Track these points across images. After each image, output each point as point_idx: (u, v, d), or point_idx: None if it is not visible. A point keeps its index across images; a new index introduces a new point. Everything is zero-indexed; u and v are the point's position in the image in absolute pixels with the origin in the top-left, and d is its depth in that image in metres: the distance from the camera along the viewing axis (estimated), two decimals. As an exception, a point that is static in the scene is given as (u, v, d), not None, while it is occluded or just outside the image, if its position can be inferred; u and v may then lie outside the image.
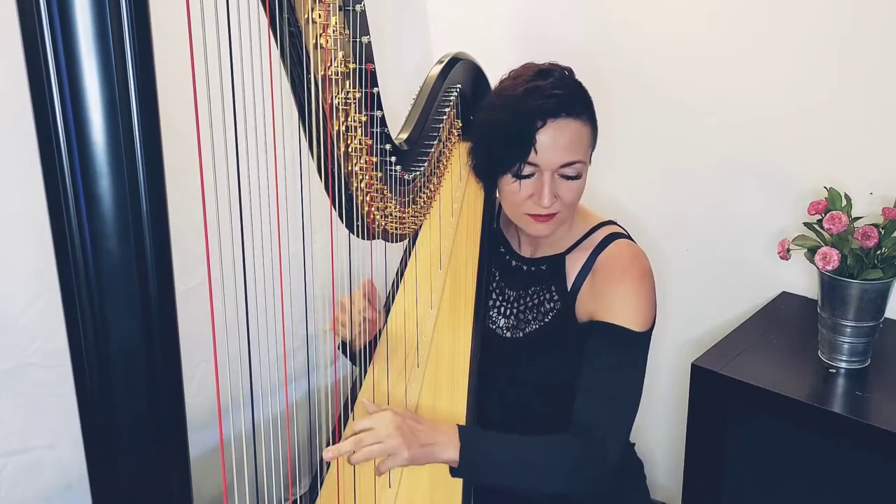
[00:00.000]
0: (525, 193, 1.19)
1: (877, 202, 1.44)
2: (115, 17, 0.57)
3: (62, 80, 0.56)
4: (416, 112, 1.31)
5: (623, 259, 1.24)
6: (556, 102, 1.15)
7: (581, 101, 1.19)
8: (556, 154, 1.16)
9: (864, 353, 1.41)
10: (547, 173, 1.17)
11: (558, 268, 1.29)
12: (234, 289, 0.82)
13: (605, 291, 1.22)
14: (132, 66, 0.58)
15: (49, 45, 0.56)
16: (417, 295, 1.40)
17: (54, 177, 0.58)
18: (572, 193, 1.20)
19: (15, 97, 0.71)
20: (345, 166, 1.12)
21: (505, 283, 1.35)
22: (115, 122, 0.58)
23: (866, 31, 1.48)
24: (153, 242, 0.62)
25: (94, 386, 0.64)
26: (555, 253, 1.29)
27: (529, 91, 1.16)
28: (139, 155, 0.60)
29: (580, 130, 1.18)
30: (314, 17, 0.97)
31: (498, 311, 1.35)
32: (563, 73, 1.21)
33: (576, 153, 1.17)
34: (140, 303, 0.62)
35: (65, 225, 0.59)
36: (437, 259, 1.46)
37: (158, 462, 0.68)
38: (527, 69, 1.22)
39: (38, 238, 0.62)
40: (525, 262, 1.33)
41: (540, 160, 1.16)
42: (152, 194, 0.61)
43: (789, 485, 1.44)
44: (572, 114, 1.16)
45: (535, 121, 1.15)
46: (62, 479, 1.50)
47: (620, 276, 1.22)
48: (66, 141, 0.57)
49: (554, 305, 1.28)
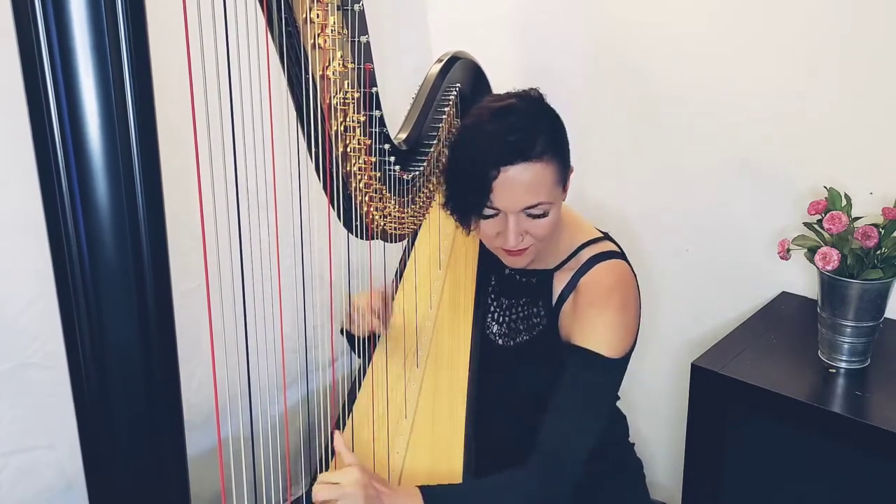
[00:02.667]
0: (492, 232, 1.17)
1: (877, 202, 1.44)
2: (112, 18, 0.57)
3: (58, 83, 0.56)
4: (416, 112, 1.31)
5: (605, 285, 1.22)
6: (510, 150, 1.10)
7: (542, 140, 1.13)
8: (516, 199, 1.13)
9: (864, 353, 1.41)
10: (511, 215, 1.14)
11: (546, 284, 1.28)
12: (233, 290, 0.82)
13: (583, 316, 1.21)
14: (128, 67, 0.58)
15: (45, 46, 0.56)
16: (417, 295, 1.40)
17: (51, 180, 0.58)
18: (542, 229, 1.17)
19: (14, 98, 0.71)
20: (343, 166, 1.11)
21: (500, 290, 1.35)
22: (111, 124, 0.58)
23: (867, 31, 1.47)
24: (150, 245, 0.62)
25: (91, 388, 0.64)
26: (545, 268, 1.28)
27: (483, 137, 1.13)
28: (136, 157, 0.60)
29: (541, 173, 1.13)
30: (312, 17, 0.97)
31: (492, 318, 1.35)
32: (528, 107, 1.16)
33: (538, 196, 1.13)
34: (137, 305, 0.62)
35: (61, 228, 0.59)
36: (437, 259, 1.46)
37: (156, 462, 0.68)
38: (485, 108, 1.17)
39: (39, 238, 0.61)
40: (518, 272, 1.32)
41: (500, 206, 1.13)
42: (149, 196, 0.61)
43: (789, 485, 1.43)
44: (530, 158, 1.11)
45: (489, 171, 1.11)
46: (62, 479, 1.50)
47: (600, 303, 1.20)
48: (62, 144, 0.57)
49: (540, 321, 1.28)
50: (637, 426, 1.22)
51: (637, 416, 1.19)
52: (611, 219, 1.36)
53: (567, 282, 1.25)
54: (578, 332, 1.20)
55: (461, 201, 1.17)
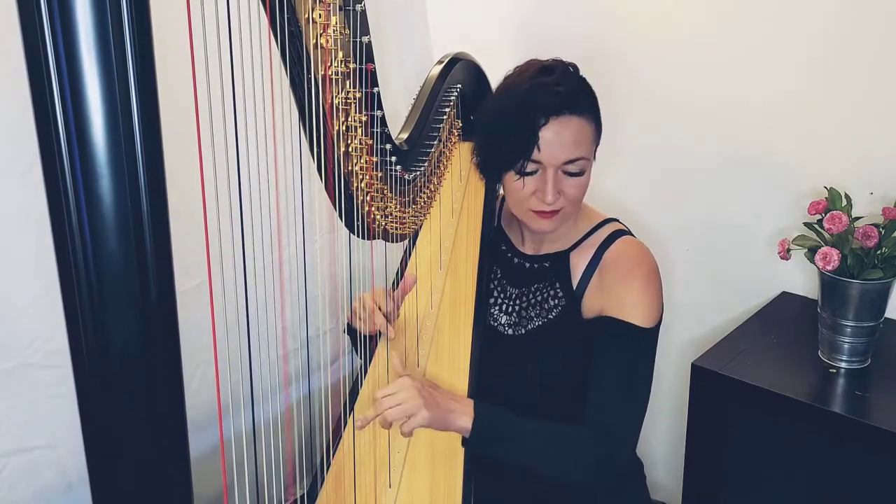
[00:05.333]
0: (529, 190, 1.20)
1: (877, 202, 1.44)
2: (116, 16, 0.57)
3: (63, 81, 0.56)
4: (417, 112, 1.31)
5: (631, 256, 1.25)
6: (559, 99, 1.15)
7: (585, 98, 1.19)
8: (560, 151, 1.16)
9: (864, 353, 1.41)
10: (550, 170, 1.17)
11: (562, 265, 1.29)
12: (235, 289, 0.82)
13: (614, 288, 1.23)
14: (133, 66, 0.58)
15: (50, 44, 0.56)
16: (418, 295, 1.40)
17: (55, 177, 0.58)
18: (576, 190, 1.20)
19: (16, 96, 0.71)
20: (345, 166, 1.12)
21: (507, 281, 1.36)
22: (115, 122, 0.58)
23: (867, 31, 1.47)
24: (154, 243, 0.62)
25: (94, 386, 0.64)
26: (558, 250, 1.30)
27: (533, 88, 1.17)
28: (140, 155, 0.60)
29: (583, 127, 1.18)
30: (314, 17, 0.98)
31: (500, 309, 1.35)
32: (568, 69, 1.21)
33: (579, 150, 1.17)
34: (140, 303, 0.62)
35: (65, 225, 0.59)
36: (438, 259, 1.46)
37: (159, 462, 0.68)
38: (531, 65, 1.22)
39: (39, 238, 0.62)
40: (528, 260, 1.33)
41: (543, 157, 1.16)
42: (153, 195, 0.61)
43: (789, 485, 1.43)
44: (575, 111, 1.17)
45: (539, 118, 1.15)
46: (62, 479, 1.49)
47: (629, 273, 1.23)
48: (66, 141, 0.57)
49: (558, 302, 1.28)
50: (637, 426, 1.22)
51: (638, 415, 1.20)
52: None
53: (589, 259, 1.27)
54: (610, 305, 1.22)
55: (504, 154, 1.18)
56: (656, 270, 1.25)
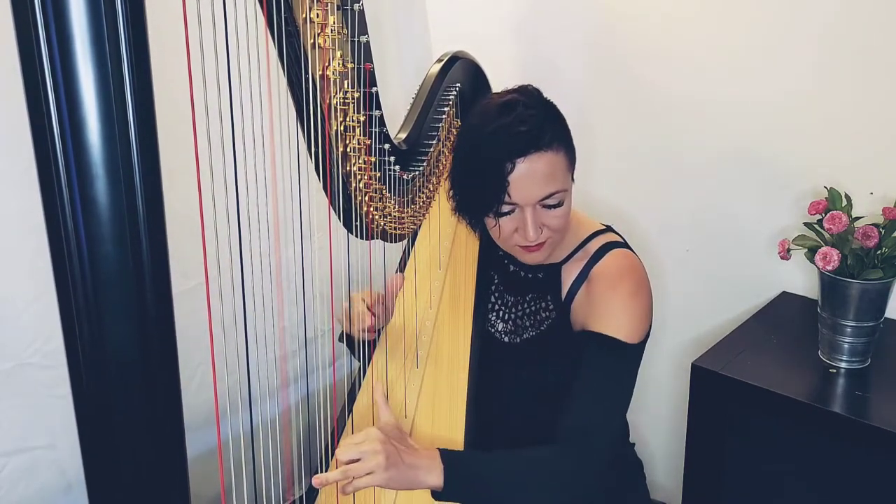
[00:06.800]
0: (510, 229, 1.17)
1: (877, 202, 1.44)
2: (111, 17, 0.57)
3: (58, 83, 0.56)
4: (415, 111, 1.31)
5: (618, 271, 1.23)
6: (523, 140, 1.11)
7: (550, 129, 1.14)
8: (533, 190, 1.13)
9: (865, 353, 1.41)
10: (528, 208, 1.14)
11: (554, 277, 1.28)
12: (232, 290, 0.82)
13: (599, 302, 1.21)
14: (128, 67, 0.58)
15: (44, 46, 0.56)
16: (417, 295, 1.40)
17: (50, 180, 0.58)
18: (558, 220, 1.17)
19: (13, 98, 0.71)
20: (343, 166, 1.11)
21: (504, 288, 1.35)
22: (111, 124, 0.58)
23: (867, 31, 1.47)
24: (150, 245, 0.62)
25: (91, 389, 0.63)
26: (551, 262, 1.28)
27: (495, 132, 1.12)
28: (135, 157, 0.59)
29: (553, 160, 1.13)
30: (312, 17, 0.97)
31: (497, 316, 1.35)
32: (529, 100, 1.16)
33: (553, 184, 1.14)
34: (137, 306, 0.62)
35: (61, 228, 0.59)
36: (437, 259, 1.46)
37: (156, 463, 0.68)
38: (489, 104, 1.17)
39: (39, 238, 0.61)
40: (523, 269, 1.32)
41: (517, 198, 1.13)
42: (149, 196, 0.61)
43: (789, 485, 1.43)
44: (542, 146, 1.12)
45: (504, 164, 1.11)
46: (62, 479, 1.49)
47: (615, 288, 1.21)
48: (61, 144, 0.57)
49: (549, 315, 1.28)
50: (637, 426, 1.22)
51: (637, 416, 1.19)
52: (611, 218, 1.36)
53: (578, 273, 1.26)
54: (595, 319, 1.20)
55: (476, 201, 1.17)
56: (644, 284, 1.23)
